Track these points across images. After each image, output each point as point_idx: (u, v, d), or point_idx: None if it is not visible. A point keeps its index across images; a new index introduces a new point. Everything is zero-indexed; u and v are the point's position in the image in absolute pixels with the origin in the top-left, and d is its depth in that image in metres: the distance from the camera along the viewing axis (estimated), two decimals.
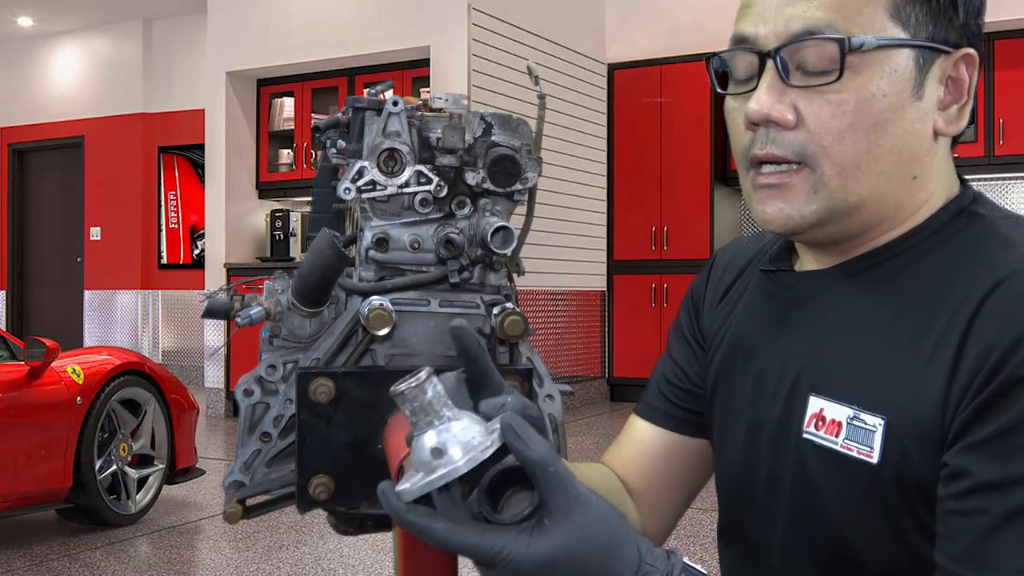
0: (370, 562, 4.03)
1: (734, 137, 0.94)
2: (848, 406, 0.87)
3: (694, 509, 4.87)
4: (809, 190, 0.88)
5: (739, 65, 0.93)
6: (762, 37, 0.89)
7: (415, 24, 7.25)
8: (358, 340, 0.88)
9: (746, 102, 0.90)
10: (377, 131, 0.87)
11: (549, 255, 7.60)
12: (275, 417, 0.88)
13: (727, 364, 1.04)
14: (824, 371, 0.90)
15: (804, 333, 0.94)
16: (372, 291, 0.87)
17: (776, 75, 0.88)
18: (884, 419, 0.84)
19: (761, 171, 0.91)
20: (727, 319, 1.07)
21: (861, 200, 0.89)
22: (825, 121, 0.86)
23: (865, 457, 0.84)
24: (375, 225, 0.88)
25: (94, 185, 10.90)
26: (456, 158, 0.88)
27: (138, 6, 10.27)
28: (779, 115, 0.87)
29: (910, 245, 0.91)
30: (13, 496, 4.12)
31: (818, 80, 0.86)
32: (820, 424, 0.89)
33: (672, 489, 1.13)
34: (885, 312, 0.88)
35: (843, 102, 0.86)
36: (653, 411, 1.14)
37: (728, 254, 1.15)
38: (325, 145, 0.97)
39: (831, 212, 0.89)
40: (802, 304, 0.96)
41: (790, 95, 0.88)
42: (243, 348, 7.85)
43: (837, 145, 0.87)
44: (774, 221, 0.91)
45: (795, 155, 0.88)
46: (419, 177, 0.87)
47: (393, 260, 0.88)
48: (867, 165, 0.87)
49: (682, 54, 8.25)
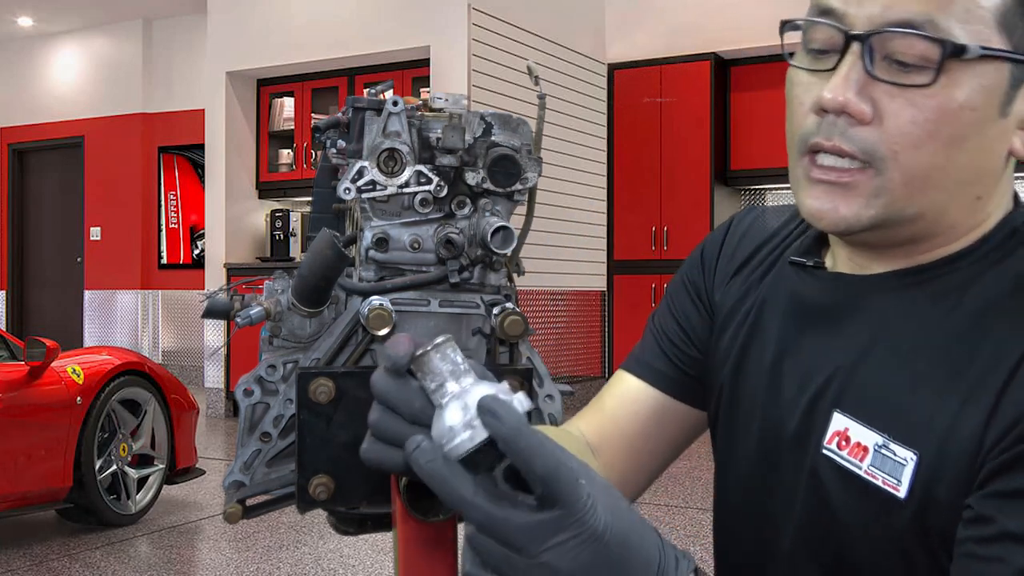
0: (370, 562, 4.03)
1: (794, 116, 0.86)
2: (878, 432, 0.82)
3: (694, 509, 4.87)
4: (870, 193, 0.82)
5: (816, 37, 0.84)
6: (851, 16, 0.81)
7: (415, 24, 7.25)
8: (358, 340, 0.88)
9: (816, 80, 0.83)
10: (377, 131, 0.87)
11: (549, 255, 7.60)
12: (275, 417, 0.88)
13: (742, 353, 0.98)
14: (853, 388, 0.85)
15: (834, 342, 0.89)
16: (372, 291, 0.87)
17: (861, 63, 0.80)
18: (917, 454, 0.79)
19: (819, 162, 0.83)
20: (743, 299, 1.01)
21: (920, 213, 0.83)
22: (904, 125, 0.79)
23: (891, 489, 0.80)
24: (375, 225, 0.88)
25: (94, 185, 10.90)
26: (456, 158, 0.88)
27: (138, 6, 10.27)
28: (856, 109, 0.80)
29: (960, 267, 0.85)
30: (13, 496, 4.12)
31: (907, 78, 0.79)
32: (843, 444, 0.84)
33: (652, 457, 1.07)
34: (927, 337, 0.83)
35: (928, 108, 0.79)
36: (650, 370, 1.06)
37: (745, 223, 1.07)
38: (325, 145, 0.97)
39: (887, 219, 0.83)
40: (835, 310, 0.90)
41: (871, 87, 0.80)
42: (243, 348, 7.85)
43: (911, 152, 0.80)
44: (824, 219, 0.84)
45: (863, 154, 0.81)
46: (419, 177, 0.87)
47: (393, 260, 0.88)
48: (936, 179, 0.81)
49: (682, 54, 8.25)
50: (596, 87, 8.43)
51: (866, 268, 0.90)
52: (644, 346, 1.08)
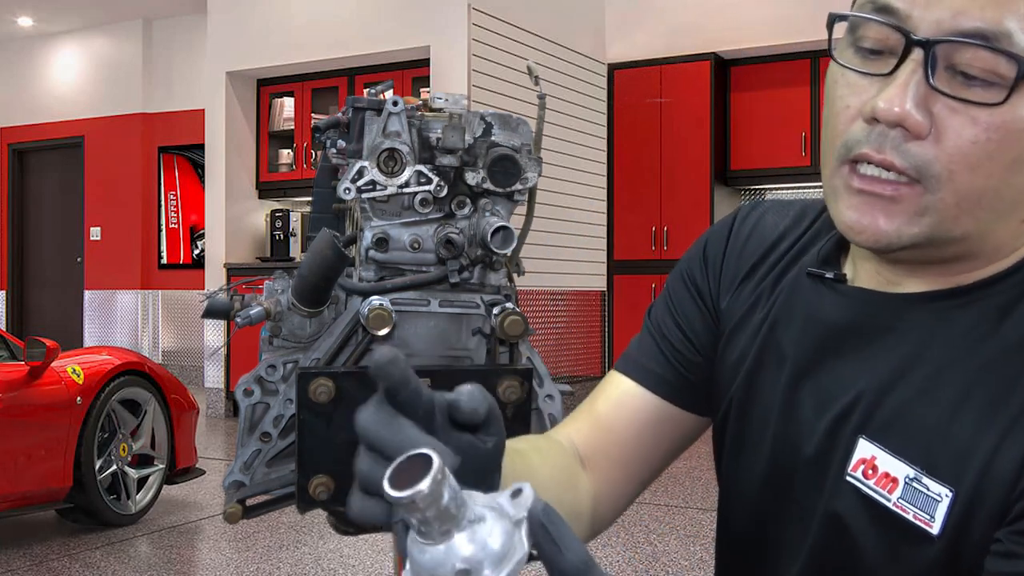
0: (370, 562, 4.03)
1: (836, 119, 0.79)
2: (909, 464, 0.77)
3: (694, 509, 4.87)
4: (916, 211, 0.76)
5: (868, 35, 0.77)
6: (916, 19, 0.73)
7: (415, 24, 7.25)
8: (358, 340, 0.88)
9: (866, 83, 0.76)
10: (377, 131, 0.87)
11: (549, 255, 7.60)
12: (275, 417, 0.88)
13: (754, 368, 0.92)
14: (883, 414, 0.80)
15: (859, 362, 0.83)
16: (372, 291, 0.87)
17: (921, 71, 0.73)
18: (953, 491, 0.75)
19: (861, 172, 0.77)
20: (753, 309, 0.95)
21: (966, 234, 0.77)
22: (964, 145, 0.73)
23: (924, 525, 0.76)
24: (375, 225, 0.88)
25: (94, 185, 10.90)
26: (456, 158, 0.88)
27: (138, 6, 10.27)
28: (914, 123, 0.73)
29: (1000, 290, 0.80)
30: (13, 496, 4.12)
31: (972, 94, 0.72)
32: (870, 473, 0.79)
33: (645, 464, 1.00)
34: (964, 364, 0.78)
35: (991, 128, 0.72)
36: (648, 374, 0.99)
37: (751, 221, 1.00)
38: (325, 145, 0.97)
39: (931, 239, 0.77)
40: (860, 329, 0.84)
41: (930, 99, 0.74)
42: (243, 348, 7.84)
43: (967, 174, 0.74)
44: (863, 233, 0.77)
45: (916, 171, 0.74)
46: (419, 177, 0.87)
47: (393, 260, 0.88)
48: (987, 201, 0.75)
49: (682, 54, 8.25)
50: (596, 87, 8.43)
51: (895, 285, 0.84)
52: (641, 346, 1.02)
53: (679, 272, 1.03)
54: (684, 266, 1.03)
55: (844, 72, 0.79)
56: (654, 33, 8.42)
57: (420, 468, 0.52)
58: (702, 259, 1.02)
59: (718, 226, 1.03)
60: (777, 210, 1.01)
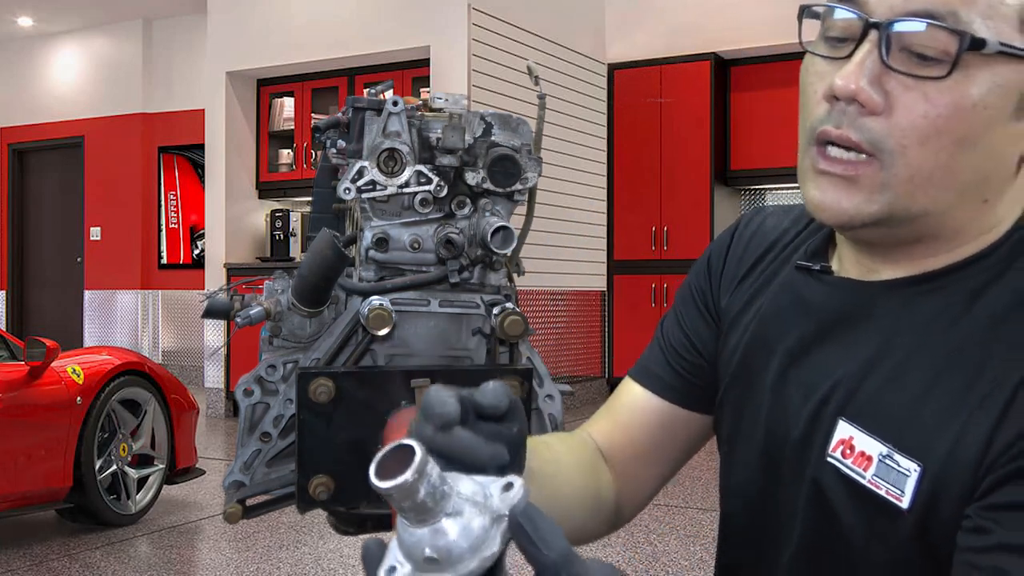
0: None
1: (806, 103, 0.85)
2: (882, 442, 0.81)
3: (694, 509, 4.87)
4: (874, 188, 0.80)
5: (836, 24, 0.83)
6: (872, 4, 0.79)
7: (415, 24, 7.25)
8: (358, 340, 0.88)
9: (831, 68, 0.81)
10: (377, 131, 0.87)
11: (549, 255, 7.60)
12: (275, 417, 0.88)
13: (746, 361, 0.97)
14: (860, 397, 0.84)
15: (840, 349, 0.87)
16: (372, 291, 0.86)
17: (877, 51, 0.79)
18: (921, 466, 0.78)
19: (827, 153, 0.82)
20: (749, 304, 1.00)
21: (924, 211, 0.81)
22: (915, 118, 0.78)
23: (894, 500, 0.80)
24: (375, 225, 0.88)
25: (94, 185, 10.90)
26: (456, 158, 0.88)
27: (138, 6, 10.27)
28: (867, 98, 0.78)
29: (969, 274, 0.83)
30: (13, 496, 4.12)
31: (922, 70, 0.77)
32: (848, 452, 0.83)
33: (661, 464, 1.06)
34: (935, 347, 0.82)
35: (941, 103, 0.77)
36: (656, 380, 1.05)
37: (752, 226, 1.05)
38: (325, 145, 0.96)
39: (890, 216, 0.81)
40: (842, 316, 0.89)
41: (885, 78, 0.79)
42: (243, 348, 7.84)
43: (917, 148, 0.78)
44: (827, 211, 0.83)
45: (870, 145, 0.79)
46: (419, 177, 0.87)
47: (393, 260, 0.88)
48: (940, 178, 0.79)
49: (682, 54, 8.25)
50: (596, 87, 8.43)
51: (873, 272, 0.88)
52: (651, 355, 1.08)
53: (687, 284, 1.09)
54: (691, 278, 1.09)
55: (813, 60, 0.84)
56: (654, 33, 8.42)
57: (407, 459, 0.55)
58: (706, 267, 1.07)
59: (723, 233, 1.08)
60: (779, 213, 1.06)
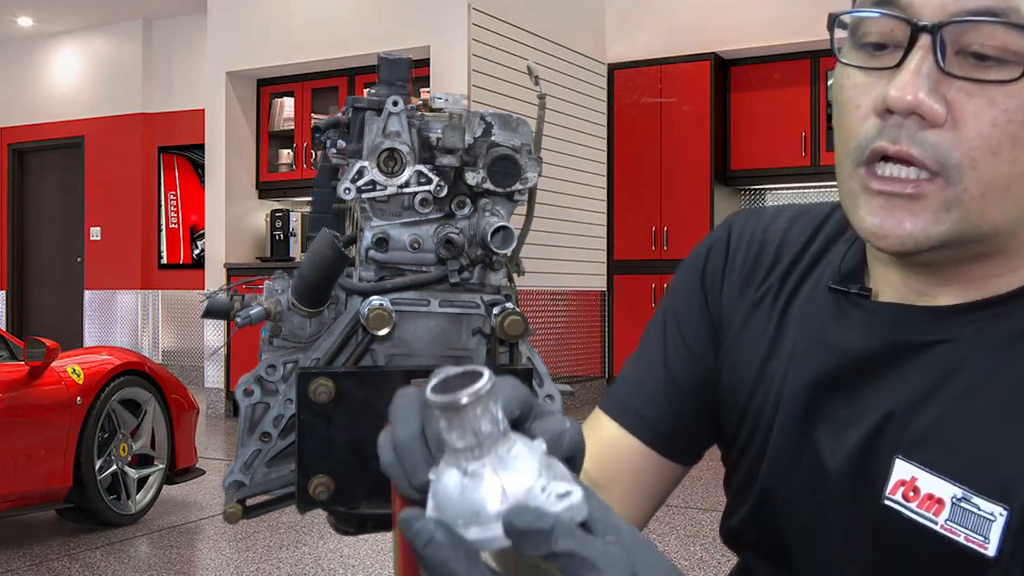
0: (370, 562, 4.03)
1: (848, 121, 0.75)
2: (954, 484, 0.73)
3: (694, 509, 4.87)
4: (941, 207, 0.71)
5: (871, 30, 0.74)
6: (918, 6, 0.70)
7: (415, 24, 7.25)
8: (358, 340, 0.88)
9: (874, 80, 0.73)
10: (377, 131, 0.87)
11: (549, 255, 7.60)
12: (275, 417, 0.88)
13: (767, 383, 0.89)
14: (918, 434, 0.76)
15: (888, 380, 0.79)
16: (372, 291, 0.86)
17: (932, 57, 0.70)
18: (1007, 509, 0.71)
19: (879, 173, 0.73)
20: (767, 323, 0.90)
21: (995, 229, 0.73)
22: (984, 128, 0.69)
23: (978, 547, 0.72)
24: (375, 225, 0.88)
25: (94, 185, 10.90)
26: (456, 158, 0.88)
27: (138, 6, 10.27)
28: (930, 109, 0.69)
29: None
30: (13, 496, 4.12)
31: (985, 73, 0.69)
32: (911, 495, 0.75)
33: (637, 513, 0.97)
34: (1007, 376, 0.74)
35: (1011, 109, 0.69)
36: (641, 422, 0.95)
37: (747, 233, 0.95)
38: (325, 145, 0.96)
39: (959, 236, 0.73)
40: (889, 346, 0.79)
41: (943, 85, 0.70)
42: (243, 348, 7.84)
43: (990, 159, 0.70)
44: (889, 236, 0.73)
45: (935, 162, 0.70)
46: (419, 177, 0.87)
47: (393, 260, 0.88)
48: (1015, 189, 0.71)
49: (682, 54, 8.25)
50: (596, 87, 8.43)
51: (925, 296, 0.80)
52: (634, 388, 0.97)
53: (671, 314, 0.98)
54: (680, 303, 0.98)
55: (850, 73, 0.75)
56: (654, 33, 8.42)
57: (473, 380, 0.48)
58: (700, 284, 0.96)
59: (713, 244, 0.98)
60: (776, 216, 0.96)
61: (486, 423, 0.48)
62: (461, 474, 0.48)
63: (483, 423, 0.48)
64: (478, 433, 0.48)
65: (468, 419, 0.48)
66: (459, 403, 0.47)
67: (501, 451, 0.48)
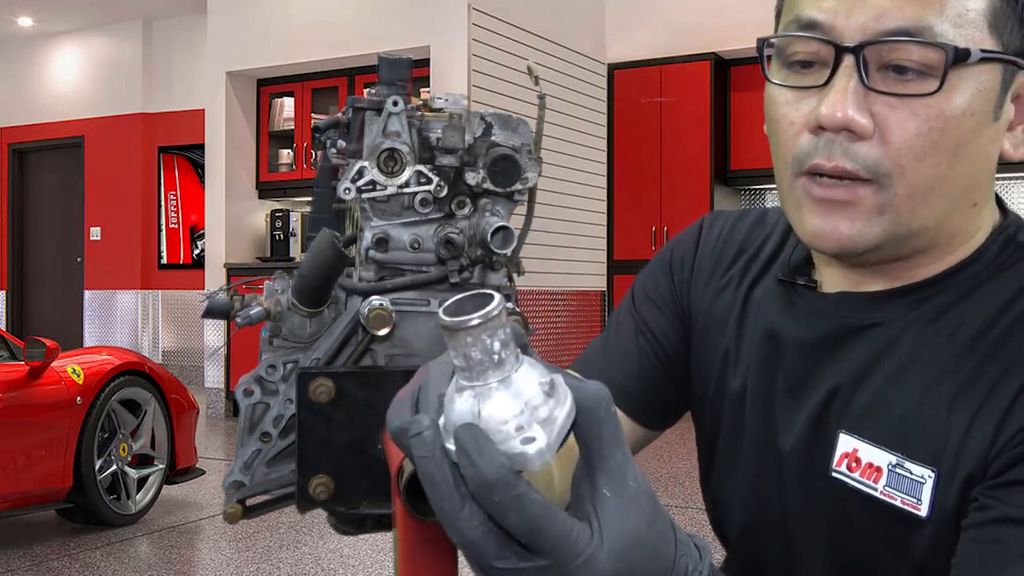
0: (370, 562, 4.03)
1: (781, 136, 0.82)
2: (890, 452, 0.80)
3: (694, 509, 4.86)
4: (874, 210, 0.78)
5: (798, 50, 0.80)
6: (840, 28, 0.76)
7: (415, 24, 7.25)
8: (358, 340, 0.88)
9: (803, 96, 0.79)
10: (377, 131, 0.87)
11: (549, 255, 7.60)
12: (275, 417, 0.88)
13: (723, 373, 0.96)
14: (859, 409, 0.83)
15: (831, 362, 0.86)
16: (372, 291, 0.86)
17: (856, 75, 0.76)
18: (935, 472, 0.77)
19: (819, 181, 0.79)
20: (727, 312, 0.97)
21: (924, 226, 0.80)
22: (908, 138, 0.76)
23: (912, 509, 0.78)
24: (375, 225, 0.88)
25: (94, 185, 10.90)
26: (456, 158, 0.88)
27: (138, 6, 10.27)
28: (858, 124, 0.76)
29: (961, 279, 0.83)
30: (13, 496, 4.12)
31: (907, 87, 0.76)
32: (854, 466, 0.82)
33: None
34: (932, 353, 0.81)
35: (931, 118, 0.75)
36: (609, 382, 1.02)
37: (717, 228, 1.04)
38: (325, 145, 0.96)
39: (892, 236, 0.79)
40: (832, 331, 0.87)
41: (869, 100, 0.76)
42: (243, 348, 7.84)
43: (915, 165, 0.76)
44: (826, 239, 0.80)
45: (867, 171, 0.77)
46: (419, 177, 0.87)
47: (393, 260, 0.88)
48: (939, 190, 0.78)
49: (682, 54, 8.25)
50: (596, 87, 8.43)
51: (863, 285, 0.87)
52: (607, 361, 1.02)
53: (642, 290, 1.04)
54: (646, 281, 1.05)
55: (779, 90, 0.82)
56: (654, 33, 8.43)
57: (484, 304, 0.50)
58: (668, 268, 1.04)
59: (684, 236, 1.06)
60: (740, 218, 1.04)
61: (483, 349, 0.50)
62: (456, 391, 0.52)
63: (484, 347, 0.50)
64: (480, 354, 0.50)
65: (471, 341, 0.50)
66: (468, 324, 0.49)
67: (498, 376, 0.50)
